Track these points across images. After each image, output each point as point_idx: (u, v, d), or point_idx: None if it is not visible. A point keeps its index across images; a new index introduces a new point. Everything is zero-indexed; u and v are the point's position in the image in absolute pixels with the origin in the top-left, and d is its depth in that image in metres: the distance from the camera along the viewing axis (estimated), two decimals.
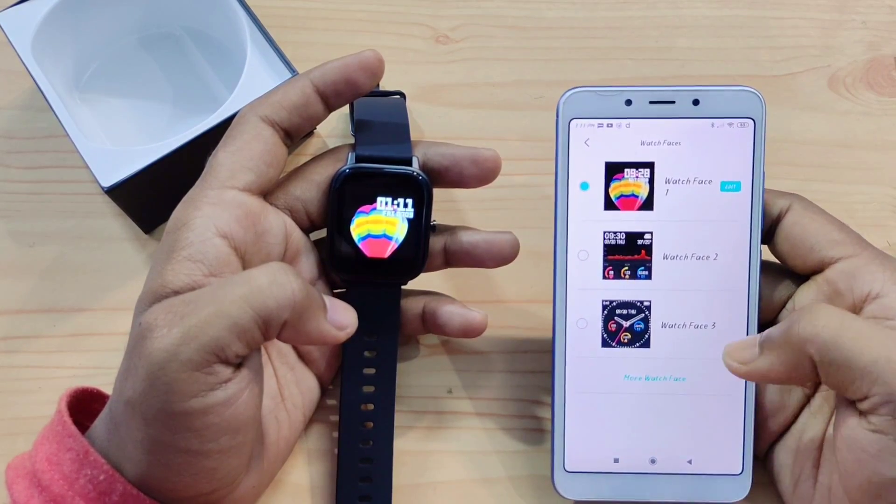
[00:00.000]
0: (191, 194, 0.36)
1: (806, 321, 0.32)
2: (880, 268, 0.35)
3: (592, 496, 0.38)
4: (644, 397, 0.38)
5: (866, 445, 0.32)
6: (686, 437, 0.38)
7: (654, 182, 0.37)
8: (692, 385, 0.38)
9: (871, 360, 0.31)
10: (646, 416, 0.38)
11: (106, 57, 0.48)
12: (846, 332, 0.31)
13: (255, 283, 0.32)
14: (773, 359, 0.33)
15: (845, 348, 0.31)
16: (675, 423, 0.38)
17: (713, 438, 0.38)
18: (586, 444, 0.38)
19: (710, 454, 0.38)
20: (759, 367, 0.33)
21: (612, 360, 0.38)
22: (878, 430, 0.31)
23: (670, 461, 0.38)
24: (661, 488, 0.38)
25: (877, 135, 0.48)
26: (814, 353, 0.32)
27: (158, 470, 0.32)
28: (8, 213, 0.46)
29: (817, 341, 0.32)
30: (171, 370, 0.31)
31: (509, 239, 0.39)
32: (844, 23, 0.51)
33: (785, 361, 0.33)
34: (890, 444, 0.31)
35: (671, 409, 0.38)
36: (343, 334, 0.35)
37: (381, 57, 0.37)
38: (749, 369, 0.34)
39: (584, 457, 0.38)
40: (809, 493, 0.36)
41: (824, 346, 0.32)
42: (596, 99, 0.37)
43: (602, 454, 0.38)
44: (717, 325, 0.38)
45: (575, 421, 0.38)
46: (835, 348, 0.31)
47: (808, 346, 0.32)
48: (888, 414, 0.31)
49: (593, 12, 0.51)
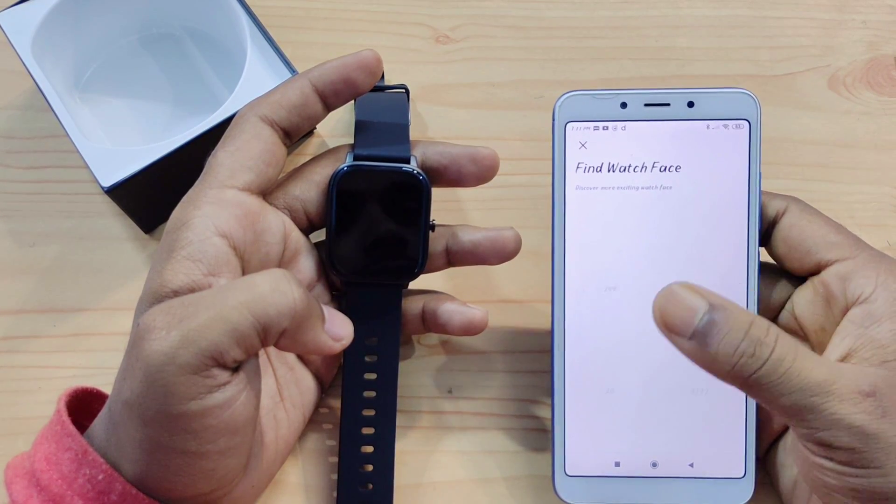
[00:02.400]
0: (190, 194, 0.36)
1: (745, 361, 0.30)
2: (874, 271, 0.35)
3: (593, 500, 0.38)
4: (645, 400, 0.38)
5: (808, 457, 0.32)
6: (687, 441, 0.38)
7: (650, 184, 0.37)
8: (693, 388, 0.38)
9: (791, 403, 0.30)
10: (647, 420, 0.38)
11: (106, 57, 0.48)
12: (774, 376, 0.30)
13: (256, 290, 0.32)
14: (698, 355, 0.31)
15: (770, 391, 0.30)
16: (676, 426, 0.38)
17: (715, 441, 0.38)
18: (587, 448, 0.38)
19: (711, 457, 0.38)
20: (682, 347, 0.31)
21: (613, 363, 0.38)
22: (813, 452, 0.32)
23: (672, 465, 0.38)
24: (663, 492, 0.38)
25: (877, 135, 0.48)
26: (737, 384, 0.31)
27: (157, 470, 0.32)
28: (8, 213, 0.46)
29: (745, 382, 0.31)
30: (169, 373, 0.31)
31: (511, 234, 0.39)
32: (844, 23, 0.51)
33: (707, 366, 0.31)
34: (824, 462, 0.31)
35: (672, 412, 0.38)
36: (339, 346, 0.35)
37: (379, 56, 0.37)
38: (670, 337, 0.31)
39: (585, 460, 0.38)
40: (807, 494, 0.36)
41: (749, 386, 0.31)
42: (591, 102, 0.37)
43: (603, 458, 0.38)
44: None
45: (575, 424, 0.38)
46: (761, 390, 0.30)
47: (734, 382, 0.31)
48: (813, 444, 0.31)
49: (593, 12, 0.51)
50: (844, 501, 0.32)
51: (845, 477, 0.31)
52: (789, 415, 0.31)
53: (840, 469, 0.31)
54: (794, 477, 0.37)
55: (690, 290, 0.31)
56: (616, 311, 0.38)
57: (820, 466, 0.32)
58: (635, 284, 0.38)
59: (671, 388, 0.38)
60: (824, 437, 0.31)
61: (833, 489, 0.32)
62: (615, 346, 0.38)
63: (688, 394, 0.38)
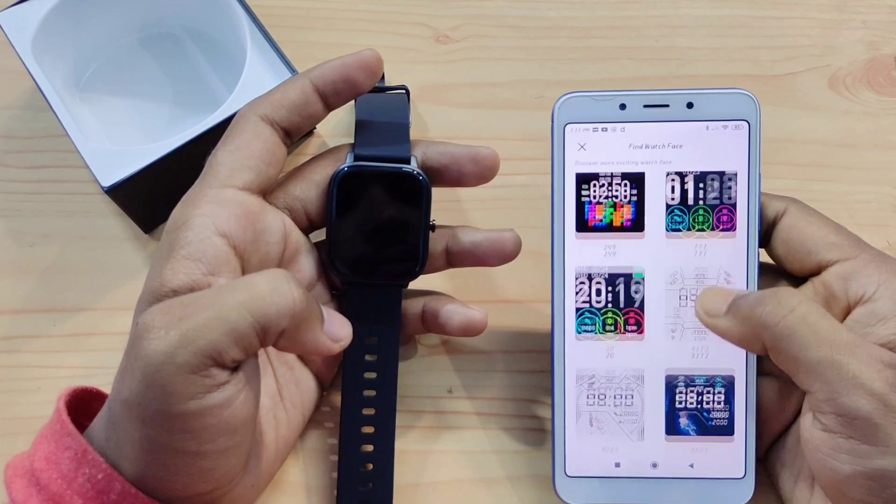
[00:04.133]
0: (190, 193, 0.36)
1: (771, 308, 0.33)
2: (876, 271, 0.35)
3: (593, 500, 0.38)
4: (645, 400, 0.38)
5: (820, 445, 0.33)
6: (688, 441, 0.38)
7: (649, 185, 0.37)
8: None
9: (816, 358, 0.32)
10: (647, 420, 0.38)
11: (106, 57, 0.48)
12: (803, 327, 0.32)
13: (256, 290, 0.32)
14: (733, 326, 0.34)
15: (796, 343, 0.32)
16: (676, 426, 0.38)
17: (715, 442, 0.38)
18: (587, 448, 0.38)
19: (711, 458, 0.38)
20: (718, 325, 0.35)
21: (613, 364, 0.38)
22: (828, 429, 0.32)
23: (672, 465, 0.38)
24: (663, 493, 0.38)
25: (877, 134, 0.48)
26: (766, 340, 0.33)
27: (156, 469, 0.32)
28: (8, 213, 0.46)
29: (773, 331, 0.33)
30: (168, 372, 0.31)
31: (511, 236, 0.39)
32: (844, 23, 0.51)
33: (741, 333, 0.34)
34: (839, 441, 0.32)
35: (672, 411, 0.38)
36: (337, 347, 0.35)
37: (379, 56, 0.37)
38: (709, 321, 0.35)
39: (585, 461, 0.38)
40: (808, 493, 0.36)
41: (777, 337, 0.33)
42: (590, 103, 0.37)
43: (603, 458, 0.38)
44: None
45: (575, 424, 0.38)
46: (786, 341, 0.33)
47: (763, 332, 0.33)
48: (832, 412, 0.32)
49: (593, 12, 0.51)
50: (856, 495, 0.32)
51: (860, 459, 0.31)
52: (813, 372, 0.32)
53: (854, 448, 0.31)
54: (794, 477, 0.37)
55: (724, 287, 0.36)
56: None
57: (834, 448, 0.32)
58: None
59: (671, 388, 0.38)
60: (846, 401, 0.31)
61: (846, 478, 0.32)
62: (615, 346, 0.38)
63: (688, 393, 0.38)
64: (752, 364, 0.37)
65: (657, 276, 0.38)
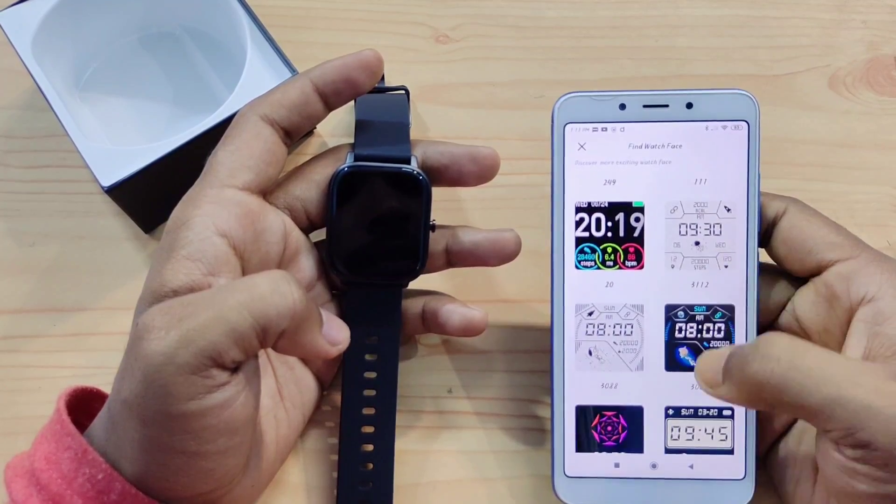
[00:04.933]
0: (190, 193, 0.36)
1: (757, 365, 0.31)
2: (877, 270, 0.35)
3: (593, 501, 0.38)
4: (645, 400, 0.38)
5: (837, 463, 0.31)
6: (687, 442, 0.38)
7: (649, 186, 0.37)
8: (694, 385, 0.38)
9: (820, 401, 0.30)
10: (647, 420, 0.38)
11: (106, 57, 0.48)
12: (795, 373, 0.30)
13: (256, 291, 0.32)
14: (732, 393, 0.32)
15: (795, 391, 0.30)
16: (676, 426, 0.38)
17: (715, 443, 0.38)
18: (586, 449, 0.38)
19: (711, 459, 0.38)
20: (721, 396, 0.33)
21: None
22: (844, 455, 0.31)
23: (671, 466, 0.38)
24: (663, 494, 0.38)
25: (877, 134, 0.48)
26: (767, 398, 0.31)
27: (156, 469, 0.32)
28: (8, 213, 0.46)
29: (768, 387, 0.31)
30: (167, 373, 0.31)
31: (511, 236, 0.39)
32: (844, 22, 0.51)
33: (743, 399, 0.32)
34: (857, 466, 0.30)
35: (672, 411, 0.38)
36: (335, 350, 0.35)
37: (380, 56, 0.37)
38: (711, 393, 0.33)
39: (585, 461, 0.38)
40: (808, 494, 0.36)
41: (775, 393, 0.31)
42: (590, 104, 0.37)
43: (602, 459, 0.38)
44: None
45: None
46: (785, 393, 0.30)
47: (763, 393, 0.31)
48: (851, 446, 0.30)
49: (593, 12, 0.51)
50: None
51: (877, 483, 0.30)
52: (823, 414, 0.30)
53: (872, 473, 0.30)
54: (796, 478, 0.37)
55: (717, 350, 0.33)
56: (616, 309, 0.38)
57: (851, 471, 0.31)
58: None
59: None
60: (862, 436, 0.30)
61: (861, 494, 0.31)
62: (615, 346, 0.38)
63: (688, 393, 0.38)
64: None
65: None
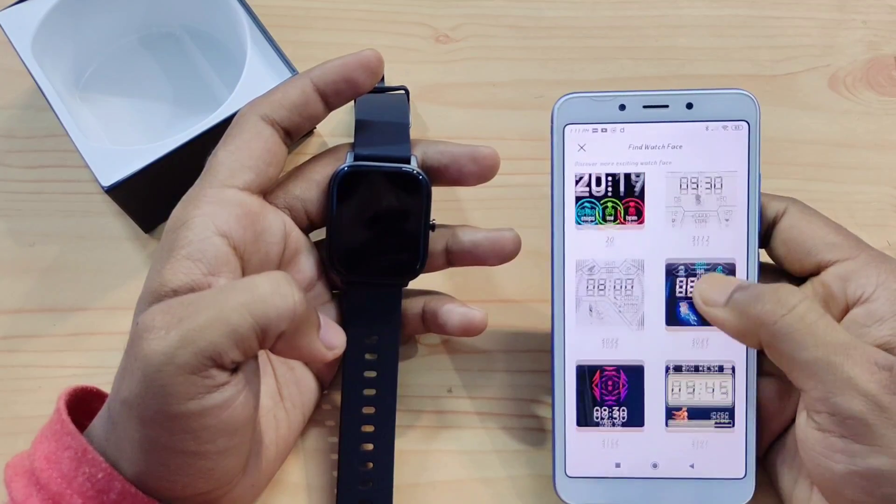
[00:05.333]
0: (191, 193, 0.36)
1: (770, 306, 0.33)
2: (875, 271, 0.35)
3: (594, 501, 0.38)
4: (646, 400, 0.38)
5: (814, 444, 0.33)
6: (688, 441, 0.38)
7: (649, 186, 0.37)
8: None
9: (812, 358, 0.32)
10: (647, 420, 0.38)
11: (106, 57, 0.48)
12: (800, 326, 0.33)
13: (257, 292, 0.32)
14: (730, 318, 0.35)
15: (792, 342, 0.33)
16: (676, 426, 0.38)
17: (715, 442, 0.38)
18: (587, 449, 0.38)
19: (712, 458, 0.38)
20: (716, 316, 0.35)
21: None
22: (822, 428, 0.33)
23: (672, 465, 0.38)
24: (664, 493, 0.38)
25: (877, 134, 0.48)
26: (762, 337, 0.34)
27: (156, 469, 0.32)
28: (8, 213, 0.46)
29: (770, 329, 0.33)
30: (167, 373, 0.31)
31: (511, 236, 0.39)
32: (844, 22, 0.51)
33: (738, 327, 0.35)
34: (833, 441, 0.32)
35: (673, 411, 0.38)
36: (331, 354, 0.35)
37: (380, 56, 0.37)
38: (706, 310, 0.36)
39: (586, 461, 0.38)
40: (807, 493, 0.36)
41: (774, 335, 0.33)
42: (590, 104, 0.37)
43: (603, 458, 0.38)
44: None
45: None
46: (783, 340, 0.33)
47: (760, 329, 0.33)
48: (825, 411, 0.32)
49: (593, 12, 0.51)
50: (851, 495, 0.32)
51: (853, 458, 0.32)
52: (808, 372, 0.32)
53: (848, 447, 0.32)
54: (794, 477, 0.37)
55: (725, 276, 0.36)
56: (616, 310, 0.38)
57: (828, 448, 0.32)
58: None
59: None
60: (839, 401, 0.31)
61: (840, 477, 0.32)
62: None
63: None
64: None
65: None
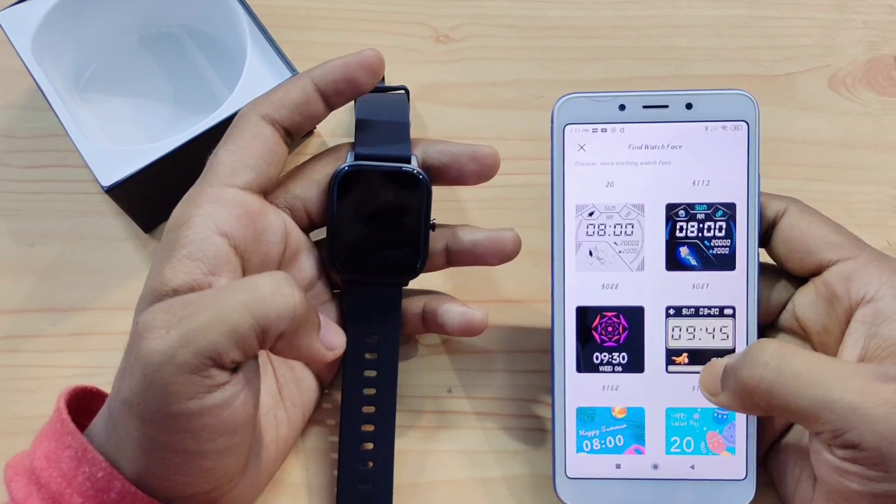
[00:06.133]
0: (191, 193, 0.36)
1: (746, 371, 0.32)
2: (877, 270, 0.35)
3: (594, 502, 0.38)
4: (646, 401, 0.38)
5: (827, 467, 0.32)
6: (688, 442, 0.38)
7: (649, 186, 0.37)
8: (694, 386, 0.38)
9: (808, 403, 0.31)
10: (648, 421, 0.38)
11: (106, 56, 0.48)
12: (781, 378, 0.31)
13: (258, 292, 0.32)
14: (729, 401, 0.33)
15: (783, 395, 0.31)
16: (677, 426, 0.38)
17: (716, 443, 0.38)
18: (587, 450, 0.38)
19: (712, 459, 0.38)
20: (721, 403, 0.34)
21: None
22: (835, 455, 0.32)
23: (673, 467, 0.38)
24: (664, 494, 0.38)
25: (877, 135, 0.48)
26: (759, 403, 0.32)
27: (156, 468, 0.32)
28: (8, 213, 0.46)
29: (759, 392, 0.32)
30: (167, 372, 0.31)
31: (511, 236, 0.39)
32: (844, 23, 0.51)
33: (738, 406, 0.33)
34: (847, 466, 0.31)
35: (673, 412, 0.38)
36: (331, 355, 0.35)
37: (381, 56, 0.37)
38: (713, 401, 0.34)
39: (586, 462, 0.38)
40: (809, 494, 0.36)
41: (765, 397, 0.32)
42: (590, 104, 0.37)
43: (603, 460, 0.38)
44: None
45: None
46: (774, 398, 0.32)
47: (753, 398, 0.32)
48: (838, 446, 0.31)
49: (593, 12, 0.51)
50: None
51: (868, 482, 0.31)
52: (811, 416, 0.31)
53: (863, 472, 0.31)
54: (796, 478, 0.37)
55: (718, 360, 0.34)
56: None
57: (843, 471, 0.31)
58: (635, 284, 0.38)
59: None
60: (850, 437, 0.30)
61: (856, 494, 0.32)
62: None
63: (689, 393, 0.38)
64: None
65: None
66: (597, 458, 0.38)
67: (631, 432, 0.38)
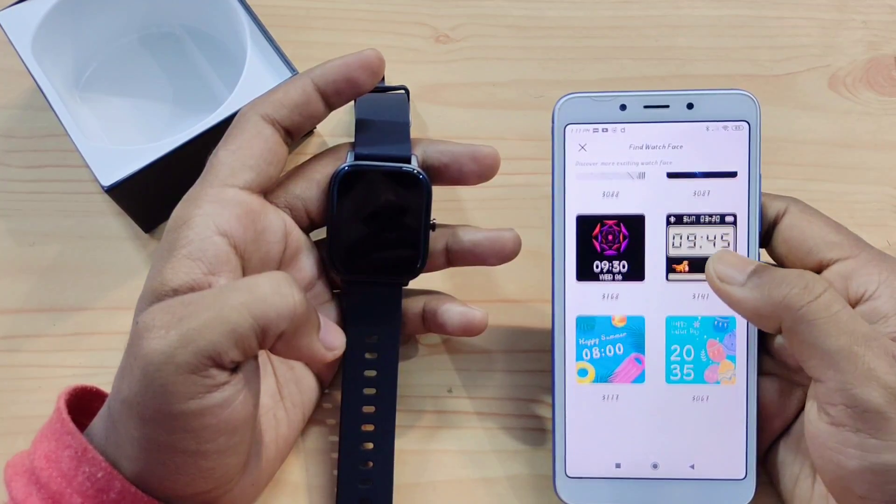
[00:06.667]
0: (191, 193, 0.36)
1: (797, 291, 0.33)
2: (876, 269, 0.35)
3: (594, 501, 0.38)
4: (646, 401, 0.38)
5: (826, 439, 0.32)
6: (688, 442, 0.38)
7: (649, 186, 0.37)
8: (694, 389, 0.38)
9: (834, 348, 0.32)
10: (648, 421, 0.38)
11: (106, 56, 0.48)
12: (826, 314, 0.32)
13: (258, 292, 0.32)
14: (750, 298, 0.34)
15: (816, 330, 0.32)
16: (677, 427, 0.38)
17: (716, 443, 0.38)
18: (587, 449, 0.38)
19: (712, 459, 0.38)
20: (732, 295, 0.34)
21: (613, 364, 0.38)
22: (835, 422, 0.32)
23: (672, 466, 0.38)
24: (664, 494, 0.38)
25: (877, 135, 0.48)
26: (785, 321, 0.33)
27: (156, 468, 0.32)
28: (8, 213, 0.46)
29: (795, 314, 0.33)
30: (167, 372, 0.31)
31: (511, 236, 0.39)
32: (844, 23, 0.51)
33: (757, 308, 0.34)
34: (847, 435, 0.32)
35: (673, 412, 0.38)
36: (331, 355, 0.35)
37: (381, 56, 0.37)
38: (722, 288, 0.35)
39: (586, 462, 0.38)
40: (808, 493, 0.36)
41: (798, 321, 0.32)
42: (591, 104, 0.37)
43: (603, 459, 0.38)
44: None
45: (576, 425, 0.38)
46: (807, 326, 0.32)
47: (784, 313, 0.33)
48: (842, 403, 0.32)
49: (593, 12, 0.51)
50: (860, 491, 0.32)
51: (867, 454, 0.31)
52: (828, 361, 0.32)
53: (863, 441, 0.31)
54: (795, 477, 0.37)
55: (741, 256, 0.36)
56: (616, 310, 0.38)
57: (841, 443, 0.32)
58: (636, 284, 0.38)
59: (672, 388, 0.38)
60: (859, 392, 0.31)
61: (851, 473, 0.32)
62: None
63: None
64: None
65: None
66: (597, 458, 0.38)
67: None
